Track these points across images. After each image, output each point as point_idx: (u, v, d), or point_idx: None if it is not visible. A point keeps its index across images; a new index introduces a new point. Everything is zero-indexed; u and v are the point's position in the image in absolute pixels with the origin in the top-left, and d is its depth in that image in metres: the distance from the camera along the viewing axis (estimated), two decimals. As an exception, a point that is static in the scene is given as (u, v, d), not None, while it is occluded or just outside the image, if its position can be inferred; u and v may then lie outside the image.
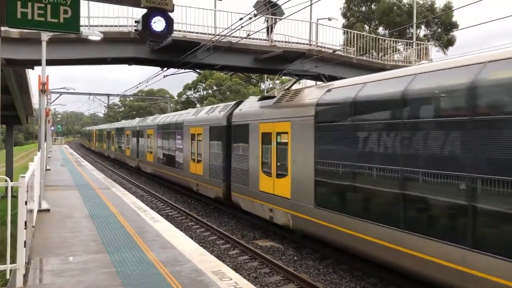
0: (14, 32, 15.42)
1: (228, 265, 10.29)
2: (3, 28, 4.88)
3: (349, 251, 10.17)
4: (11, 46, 15.54)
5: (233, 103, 17.75)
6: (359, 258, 10.11)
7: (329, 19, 28.54)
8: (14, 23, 4.64)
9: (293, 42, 20.10)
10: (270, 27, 19.29)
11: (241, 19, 15.29)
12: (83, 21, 16.75)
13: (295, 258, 11.68)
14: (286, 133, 12.35)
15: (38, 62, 15.27)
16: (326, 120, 10.74)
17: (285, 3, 11.81)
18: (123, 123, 44.57)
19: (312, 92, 11.81)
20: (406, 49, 27.96)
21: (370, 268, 10.04)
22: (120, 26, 17.48)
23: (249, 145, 14.76)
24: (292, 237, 13.06)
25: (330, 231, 10.32)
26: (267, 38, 19.53)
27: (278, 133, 12.92)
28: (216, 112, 18.27)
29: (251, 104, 15.38)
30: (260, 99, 15.00)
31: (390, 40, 27.34)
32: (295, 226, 12.07)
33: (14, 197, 7.04)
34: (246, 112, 15.37)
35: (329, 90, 11.03)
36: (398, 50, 29.22)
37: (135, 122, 36.97)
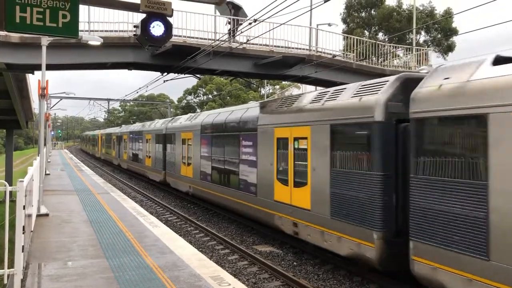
0: (14, 36, 15.45)
1: (227, 270, 10.26)
2: (3, 33, 4.89)
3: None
4: (11, 50, 15.58)
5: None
6: (356, 264, 10.07)
7: (329, 24, 28.67)
8: (13, 27, 4.65)
9: (292, 48, 20.14)
10: (232, 29, 18.85)
11: (240, 24, 15.32)
12: (83, 26, 16.81)
13: (295, 263, 11.64)
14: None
15: (38, 67, 15.30)
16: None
17: (286, 7, 11.83)
18: (140, 126, 35.92)
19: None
20: (406, 54, 28.03)
21: (370, 274, 10.01)
22: (120, 31, 17.51)
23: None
24: (292, 243, 13.03)
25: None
26: (266, 43, 19.48)
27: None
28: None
29: None
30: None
31: (390, 46, 27.40)
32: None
33: (13, 201, 7.03)
34: None
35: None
36: (398, 55, 29.28)
37: (159, 123, 28.79)
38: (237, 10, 18.74)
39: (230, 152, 16.35)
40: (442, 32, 43.24)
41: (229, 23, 18.83)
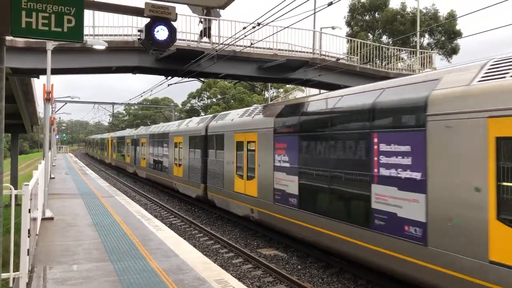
0: (20, 41, 15.56)
1: (231, 273, 10.27)
2: (9, 38, 4.94)
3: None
4: (17, 55, 15.68)
5: None
6: (363, 267, 10.05)
7: (333, 28, 28.68)
8: (18, 32, 4.69)
9: (296, 51, 20.16)
10: (205, 29, 18.33)
11: (244, 28, 15.38)
12: (87, 30, 16.91)
13: (299, 267, 11.63)
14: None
15: (43, 71, 15.39)
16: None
17: (289, 11, 11.87)
18: (163, 127, 28.98)
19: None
20: (410, 57, 28.01)
21: (374, 277, 9.98)
22: (124, 35, 17.59)
23: None
24: (296, 246, 13.01)
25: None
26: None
27: None
28: None
29: None
30: None
31: (394, 49, 27.39)
32: None
33: (18, 205, 7.07)
34: None
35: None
36: (402, 58, 29.26)
37: (193, 123, 22.27)
38: (209, 11, 18.51)
39: (345, 163, 10.00)
40: (446, 35, 43.18)
41: (201, 22, 18.57)
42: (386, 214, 8.74)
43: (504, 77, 6.85)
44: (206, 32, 18.37)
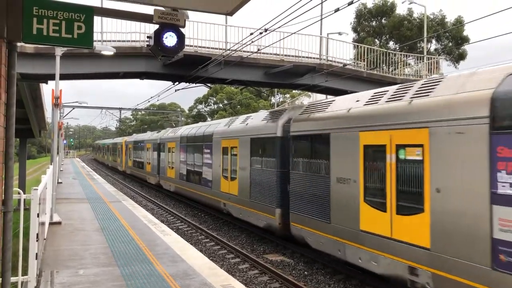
0: (29, 47, 15.73)
1: (237, 279, 10.25)
2: (18, 44, 5.00)
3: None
4: (26, 61, 15.84)
5: None
6: (370, 273, 10.00)
7: (340, 33, 28.70)
8: (30, 39, 4.76)
9: (303, 57, 20.21)
10: None
11: (251, 34, 15.44)
12: (96, 36, 17.05)
13: (306, 272, 11.59)
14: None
15: (52, 77, 15.54)
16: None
17: (296, 17, 11.92)
18: (204, 126, 21.99)
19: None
20: (417, 63, 27.95)
21: (382, 284, 9.92)
22: (132, 41, 17.74)
23: None
24: (303, 252, 12.98)
25: None
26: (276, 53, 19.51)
27: None
28: None
29: None
30: None
31: (401, 54, 27.35)
32: None
33: (27, 209, 7.12)
34: None
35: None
36: (409, 64, 29.21)
37: (258, 119, 15.98)
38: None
39: None
40: (453, 41, 43.07)
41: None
42: None
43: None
44: None
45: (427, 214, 8.00)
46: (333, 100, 12.06)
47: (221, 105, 68.49)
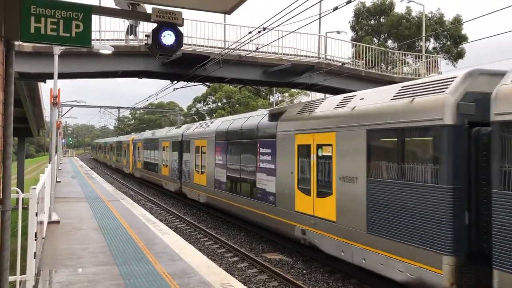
0: (27, 46, 15.69)
1: (236, 278, 10.26)
2: (16, 43, 4.99)
3: None
4: (24, 60, 15.80)
5: None
6: (369, 272, 10.01)
7: (338, 32, 28.72)
8: (27, 37, 4.75)
9: (302, 55, 20.20)
10: (131, 26, 17.29)
11: (250, 32, 15.43)
12: (94, 35, 17.02)
13: (304, 271, 11.60)
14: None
15: (50, 76, 15.51)
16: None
17: (295, 16, 11.91)
18: (253, 117, 16.53)
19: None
20: (416, 62, 27.98)
21: (380, 283, 9.94)
22: (130, 40, 17.69)
23: None
24: (301, 251, 12.99)
25: None
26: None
27: None
28: None
29: None
30: None
31: (399, 53, 27.36)
32: None
33: (25, 208, 7.12)
34: None
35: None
36: (408, 63, 29.24)
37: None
38: (134, 6, 18.15)
39: None
40: (451, 39, 43.11)
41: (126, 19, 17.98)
42: None
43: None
44: (131, 30, 17.21)
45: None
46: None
47: (219, 104, 68.49)
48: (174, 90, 22.92)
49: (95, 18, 17.00)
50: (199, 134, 21.66)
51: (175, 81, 20.44)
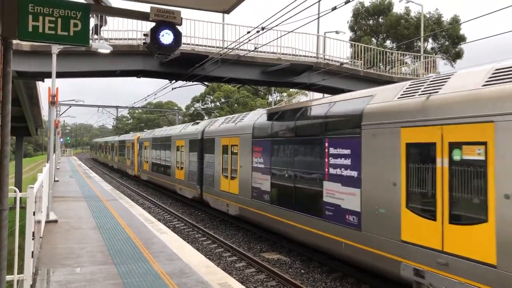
0: (25, 45, 15.67)
1: (234, 277, 10.27)
2: (15, 41, 4.99)
3: None
4: (22, 58, 15.79)
5: None
6: (367, 272, 10.02)
7: (337, 32, 28.73)
8: (25, 36, 4.74)
9: (300, 55, 20.22)
10: (96, 26, 17.57)
11: (248, 32, 15.43)
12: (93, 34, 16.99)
13: (302, 271, 11.61)
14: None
15: (48, 75, 15.49)
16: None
17: (293, 16, 11.91)
18: (316, 105, 12.48)
19: None
20: (414, 62, 28.01)
21: (378, 282, 9.95)
22: (129, 39, 17.69)
23: None
24: (300, 250, 13.00)
25: None
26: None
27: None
28: None
29: None
30: None
31: (398, 53, 27.39)
32: None
33: (23, 208, 7.10)
34: None
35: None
36: (406, 63, 29.27)
37: None
38: (97, 1, 17.84)
39: None
40: (449, 40, 43.18)
41: (92, 16, 17.79)
42: None
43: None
44: (96, 30, 17.32)
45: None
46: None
47: (218, 103, 68.48)
48: (172, 89, 22.94)
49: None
50: (227, 130, 17.59)
51: (174, 81, 20.44)
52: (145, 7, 5.61)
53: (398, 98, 9.11)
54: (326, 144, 11.08)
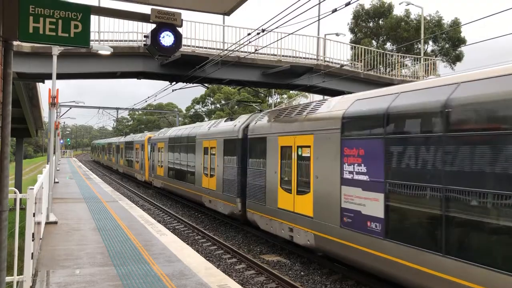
0: (26, 46, 15.68)
1: (234, 279, 10.26)
2: (15, 43, 4.99)
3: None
4: (23, 60, 15.79)
5: None
6: (366, 273, 10.01)
7: (337, 34, 28.76)
8: (26, 37, 4.74)
9: (300, 57, 20.22)
10: None
11: (249, 34, 15.44)
12: (93, 35, 17.02)
13: (302, 273, 11.59)
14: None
15: (48, 76, 15.49)
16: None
17: (294, 18, 11.92)
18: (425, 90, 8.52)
19: None
20: (414, 64, 28.02)
21: (378, 285, 9.94)
22: (129, 40, 17.70)
23: None
24: (299, 252, 12.99)
25: None
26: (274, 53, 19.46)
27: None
28: None
29: None
30: None
31: (398, 55, 27.41)
32: None
33: (23, 209, 7.10)
34: None
35: None
36: (406, 65, 29.28)
37: None
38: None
39: None
40: (450, 42, 43.22)
41: None
42: None
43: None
44: None
45: None
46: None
47: (218, 105, 68.50)
48: (173, 91, 22.95)
49: (94, 19, 17.00)
50: (290, 126, 13.02)
51: (174, 82, 20.45)
52: (146, 9, 5.62)
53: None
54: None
